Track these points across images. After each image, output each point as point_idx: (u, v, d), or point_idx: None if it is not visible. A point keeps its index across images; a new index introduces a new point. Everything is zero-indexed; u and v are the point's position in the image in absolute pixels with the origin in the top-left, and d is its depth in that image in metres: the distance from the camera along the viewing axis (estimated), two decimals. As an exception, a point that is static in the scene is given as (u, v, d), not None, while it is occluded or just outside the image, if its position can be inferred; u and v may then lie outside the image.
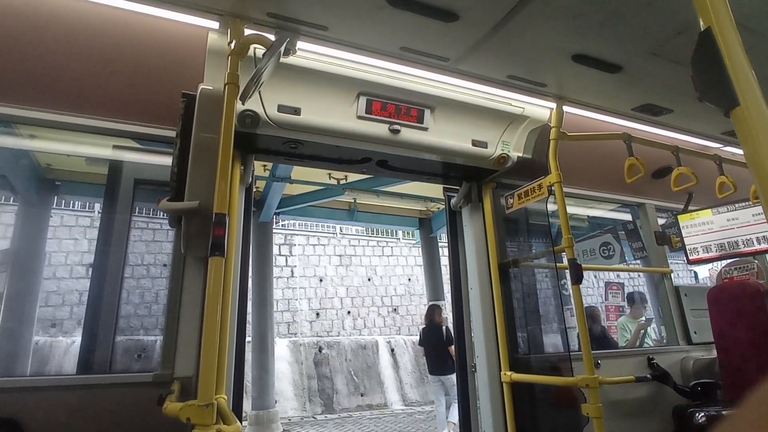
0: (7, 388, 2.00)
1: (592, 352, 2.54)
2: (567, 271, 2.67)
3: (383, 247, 13.12)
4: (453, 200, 3.21)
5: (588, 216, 5.25)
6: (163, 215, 2.18)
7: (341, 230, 12.63)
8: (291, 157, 2.75)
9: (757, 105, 0.97)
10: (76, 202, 9.88)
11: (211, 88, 2.12)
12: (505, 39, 2.19)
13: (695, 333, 3.69)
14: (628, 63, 2.42)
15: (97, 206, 10.01)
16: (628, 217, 4.44)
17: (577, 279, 2.55)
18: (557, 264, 2.88)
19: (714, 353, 3.34)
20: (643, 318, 6.11)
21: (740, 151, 3.75)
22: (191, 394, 1.59)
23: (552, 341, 2.99)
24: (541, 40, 2.21)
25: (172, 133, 2.25)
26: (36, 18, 2.16)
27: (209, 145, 2.00)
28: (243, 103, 2.07)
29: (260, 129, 2.32)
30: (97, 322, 2.53)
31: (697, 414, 2.80)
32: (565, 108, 2.84)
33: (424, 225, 8.82)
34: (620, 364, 3.24)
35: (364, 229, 12.67)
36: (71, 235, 9.97)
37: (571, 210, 2.93)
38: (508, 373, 2.84)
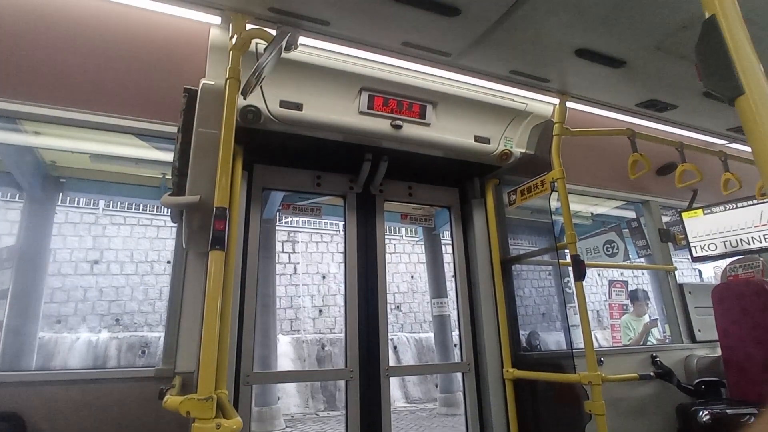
0: (10, 383, 2.02)
1: (596, 349, 2.52)
2: (570, 267, 2.65)
3: (386, 244, 13.05)
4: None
5: (592, 213, 5.23)
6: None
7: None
8: (291, 155, 2.76)
9: (763, 93, 0.95)
10: (81, 199, 9.94)
11: (212, 83, 2.12)
12: (507, 34, 2.18)
13: (699, 331, 3.67)
14: (633, 58, 2.40)
15: (102, 203, 10.05)
16: (632, 214, 4.41)
17: (580, 276, 2.54)
18: (560, 261, 2.86)
19: (718, 351, 3.31)
20: (647, 316, 6.06)
21: (746, 148, 3.73)
22: (193, 389, 1.59)
23: (555, 338, 2.98)
24: (543, 34, 2.20)
25: (174, 129, 2.25)
26: (38, 15, 2.16)
27: (211, 140, 1.99)
28: (245, 98, 2.07)
29: (262, 124, 2.32)
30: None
31: (701, 412, 2.78)
32: (569, 104, 2.82)
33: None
34: (623, 362, 3.22)
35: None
36: (76, 232, 10.02)
37: (575, 207, 2.92)
38: (511, 369, 2.83)
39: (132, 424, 2.09)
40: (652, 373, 3.14)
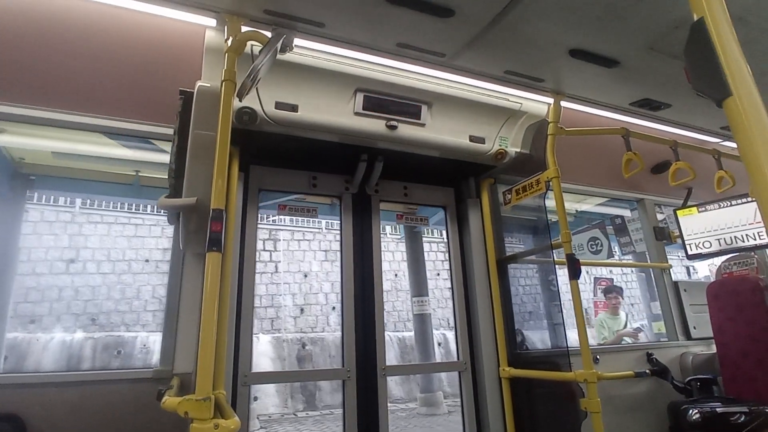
0: (10, 384, 2.03)
1: (591, 347, 2.54)
2: (557, 266, 2.68)
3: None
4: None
5: (576, 210, 5.14)
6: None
7: (327, 225, 12.21)
8: (287, 156, 2.78)
9: (750, 95, 0.97)
10: (59, 198, 9.71)
11: (208, 85, 2.12)
12: (501, 34, 2.19)
13: (694, 328, 3.69)
14: (626, 57, 2.42)
15: (78, 201, 9.80)
16: (616, 211, 4.40)
17: (575, 274, 2.56)
18: (554, 259, 2.88)
19: (713, 348, 3.33)
20: (624, 314, 5.80)
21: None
22: (191, 390, 1.60)
23: (550, 337, 2.99)
24: (537, 35, 2.21)
25: (170, 131, 2.26)
26: (32, 16, 2.16)
27: (207, 141, 2.00)
28: (240, 100, 2.08)
29: (258, 126, 2.33)
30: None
31: (690, 410, 2.79)
32: (563, 103, 2.84)
33: (408, 220, 8.54)
34: (619, 360, 3.25)
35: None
36: (51, 230, 9.78)
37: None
38: (507, 368, 2.85)
39: (131, 424, 2.10)
40: (647, 371, 3.16)
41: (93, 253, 10.05)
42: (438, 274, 12.73)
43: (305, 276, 11.82)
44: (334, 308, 11.69)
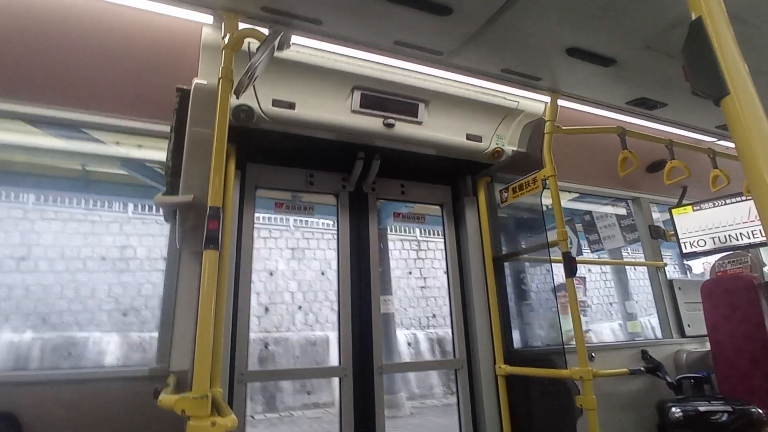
0: (5, 383, 2.02)
1: (587, 345, 2.55)
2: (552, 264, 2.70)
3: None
4: None
5: (546, 206, 5.03)
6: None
7: (297, 222, 12.07)
8: (284, 154, 2.77)
9: (748, 94, 0.97)
10: (11, 194, 9.51)
11: (205, 82, 2.11)
12: (498, 32, 2.19)
13: (689, 326, 3.73)
14: (623, 56, 2.42)
15: (32, 197, 9.54)
16: (585, 207, 4.40)
17: (571, 272, 2.57)
18: (550, 257, 2.90)
19: (707, 346, 3.36)
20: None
21: (734, 145, 3.76)
22: (187, 388, 1.59)
23: (546, 334, 3.01)
24: (535, 33, 2.21)
25: (167, 128, 2.24)
26: (29, 14, 2.15)
27: (204, 139, 1.99)
28: (237, 98, 2.07)
29: (255, 124, 2.32)
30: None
31: (673, 409, 2.82)
32: (560, 102, 2.84)
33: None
34: (614, 357, 3.27)
35: (318, 222, 12.01)
36: (2, 227, 9.53)
37: (531, 200, 2.95)
38: (503, 366, 2.86)
39: (127, 423, 2.09)
40: (642, 368, 3.18)
41: (46, 250, 9.75)
42: (410, 273, 12.53)
43: (271, 274, 11.55)
44: (300, 307, 11.46)
